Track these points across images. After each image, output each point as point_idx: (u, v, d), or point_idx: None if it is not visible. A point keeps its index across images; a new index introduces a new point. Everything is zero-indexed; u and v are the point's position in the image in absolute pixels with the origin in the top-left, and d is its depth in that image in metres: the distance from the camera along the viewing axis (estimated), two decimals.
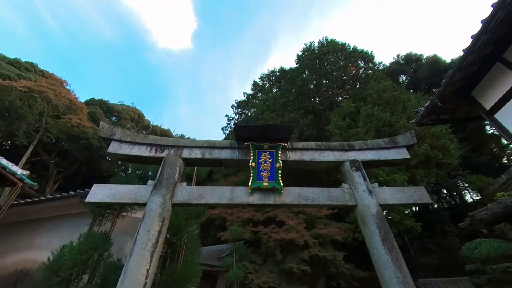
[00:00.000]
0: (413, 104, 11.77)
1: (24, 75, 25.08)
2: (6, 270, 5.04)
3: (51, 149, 27.41)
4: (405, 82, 28.48)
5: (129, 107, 38.73)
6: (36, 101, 21.69)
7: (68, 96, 22.61)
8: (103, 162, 29.72)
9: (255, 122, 15.82)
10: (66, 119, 21.22)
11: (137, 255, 3.25)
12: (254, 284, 10.28)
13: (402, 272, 3.31)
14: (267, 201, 4.12)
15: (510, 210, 3.06)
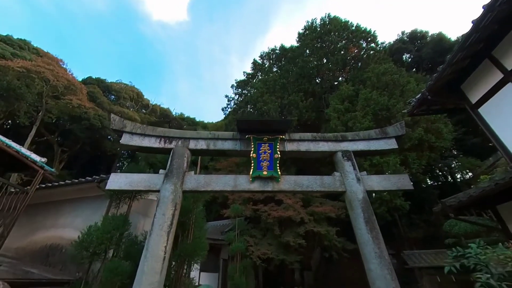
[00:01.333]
0: (411, 87, 11.88)
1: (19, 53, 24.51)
2: (38, 245, 5.75)
3: (53, 129, 27.74)
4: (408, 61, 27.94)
5: (128, 86, 38.23)
6: (34, 81, 21.55)
7: (66, 76, 22.38)
8: (106, 142, 30.25)
9: (255, 104, 15.96)
10: (67, 100, 21.26)
11: (156, 235, 3.83)
12: (255, 255, 11.35)
13: (379, 248, 3.92)
14: (266, 188, 4.64)
15: (474, 199, 3.56)
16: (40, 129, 24.06)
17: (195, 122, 47.93)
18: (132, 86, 39.38)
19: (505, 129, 4.36)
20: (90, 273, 4.75)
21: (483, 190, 3.30)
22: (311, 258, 17.24)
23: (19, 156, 5.17)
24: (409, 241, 14.88)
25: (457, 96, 5.35)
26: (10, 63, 18.78)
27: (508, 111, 4.25)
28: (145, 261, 3.62)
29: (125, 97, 35.93)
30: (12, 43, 26.25)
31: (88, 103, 23.11)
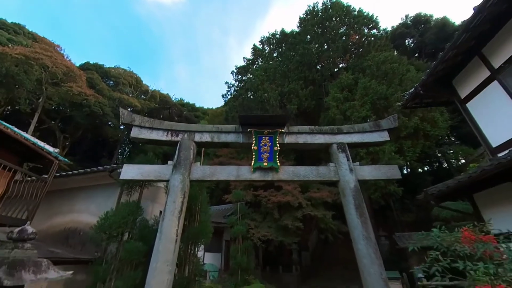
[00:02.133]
0: (410, 76, 11.98)
1: (15, 39, 24.09)
2: (57, 228, 6.29)
3: (54, 115, 27.89)
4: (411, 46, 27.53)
5: (126, 71, 37.76)
6: (33, 68, 21.42)
7: (64, 62, 22.17)
8: (107, 128, 30.48)
9: (255, 92, 16.05)
10: (67, 87, 21.24)
11: (168, 220, 4.29)
12: (255, 237, 12.10)
13: (367, 231, 4.41)
14: (266, 178, 5.06)
15: (452, 189, 3.97)
16: (41, 116, 24.22)
17: (195, 108, 47.82)
18: (130, 72, 38.92)
19: (488, 124, 4.69)
20: (108, 253, 5.29)
21: (458, 182, 3.70)
22: (308, 239, 18.23)
23: (36, 148, 5.54)
24: (401, 223, 15.69)
25: (448, 90, 5.61)
26: (8, 49, 18.59)
27: (492, 107, 4.56)
28: (160, 242, 4.10)
29: (124, 83, 35.62)
30: (7, 27, 25.66)
31: (88, 90, 23.09)
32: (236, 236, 11.38)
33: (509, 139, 4.14)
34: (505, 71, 4.28)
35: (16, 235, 2.71)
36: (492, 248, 1.96)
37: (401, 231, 14.03)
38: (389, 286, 4.03)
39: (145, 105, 34.87)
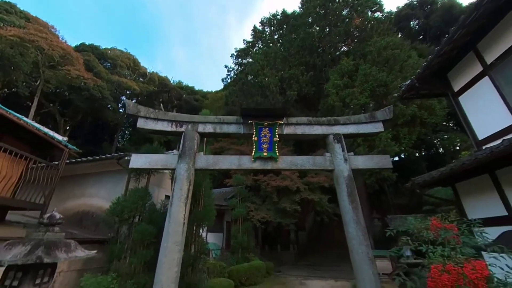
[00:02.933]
0: (411, 63, 11.93)
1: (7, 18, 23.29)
2: (70, 211, 6.75)
3: (53, 99, 27.74)
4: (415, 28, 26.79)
5: (123, 53, 36.88)
6: (28, 50, 21.02)
7: (60, 45, 21.69)
8: (107, 111, 30.45)
9: (255, 77, 15.96)
10: (65, 70, 20.97)
11: (175, 205, 4.69)
12: (255, 219, 12.78)
13: (357, 216, 4.84)
14: (266, 167, 5.40)
15: (436, 179, 4.32)
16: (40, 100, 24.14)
17: (194, 91, 47.29)
18: (127, 53, 38.01)
19: (476, 118, 4.93)
20: (120, 234, 5.78)
21: (441, 173, 4.03)
22: (305, 221, 19.14)
23: (47, 138, 5.82)
24: (394, 206, 16.43)
25: (443, 83, 5.77)
26: (2, 31, 18.13)
27: (482, 102, 4.78)
28: (169, 225, 4.53)
29: (122, 65, 34.95)
30: None
31: (86, 74, 22.82)
32: (237, 217, 12.04)
33: (493, 133, 4.42)
34: (496, 67, 4.45)
35: (46, 220, 3.08)
36: (451, 234, 2.33)
37: (393, 213, 14.75)
38: (375, 264, 4.52)
39: (144, 88, 34.53)
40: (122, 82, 30.03)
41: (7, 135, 5.39)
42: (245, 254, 11.13)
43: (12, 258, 2.55)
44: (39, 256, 2.55)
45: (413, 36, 27.42)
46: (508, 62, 4.17)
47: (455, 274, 1.80)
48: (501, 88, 4.33)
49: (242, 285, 9.18)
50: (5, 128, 5.16)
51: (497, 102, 4.39)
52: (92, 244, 5.35)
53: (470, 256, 2.02)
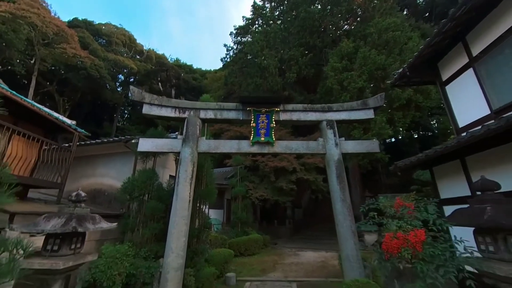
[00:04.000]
0: (410, 46, 11.87)
1: None
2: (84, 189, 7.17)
3: (51, 78, 27.40)
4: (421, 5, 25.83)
5: (118, 29, 35.55)
6: (21, 27, 20.41)
7: (54, 21, 20.98)
8: (106, 91, 30.25)
9: (255, 59, 15.78)
10: (61, 49, 20.56)
11: (182, 185, 5.24)
12: (253, 196, 13.60)
13: (344, 195, 5.41)
14: (263, 150, 5.88)
15: (414, 163, 4.81)
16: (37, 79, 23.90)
17: (192, 69, 46.33)
18: (122, 29, 36.61)
19: (458, 107, 5.30)
20: (131, 210, 6.42)
21: (418, 159, 4.51)
22: (301, 198, 20.18)
23: (58, 122, 6.20)
24: (385, 186, 17.30)
25: (433, 72, 6.04)
26: None
27: (464, 92, 5.11)
28: (177, 202, 5.11)
29: (117, 42, 33.92)
30: None
31: (83, 52, 22.37)
32: (237, 195, 12.84)
33: (471, 122, 4.83)
34: (479, 60, 4.71)
35: (75, 198, 3.61)
36: (407, 210, 2.87)
37: (384, 192, 15.58)
38: (357, 236, 5.16)
39: (141, 67, 33.88)
40: (119, 61, 29.43)
41: (22, 120, 5.76)
42: (244, 229, 12.09)
43: (51, 228, 3.11)
44: (74, 226, 3.11)
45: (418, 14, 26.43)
46: (490, 56, 4.45)
47: (402, 240, 2.33)
48: (482, 80, 4.65)
49: (241, 255, 10.16)
50: (20, 114, 5.52)
51: (478, 93, 4.73)
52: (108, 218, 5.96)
53: (417, 227, 2.56)
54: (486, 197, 2.71)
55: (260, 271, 8.23)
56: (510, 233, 2.45)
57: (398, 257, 2.34)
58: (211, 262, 6.71)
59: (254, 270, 8.36)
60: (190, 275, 5.12)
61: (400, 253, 2.31)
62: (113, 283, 4.36)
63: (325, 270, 8.41)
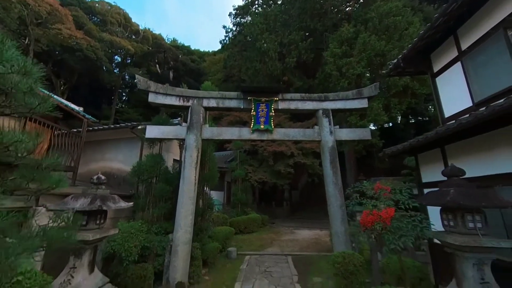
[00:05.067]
0: (410, 32, 11.85)
1: None
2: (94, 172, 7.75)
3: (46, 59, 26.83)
4: None
5: (112, 7, 34.23)
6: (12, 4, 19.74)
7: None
8: (103, 73, 29.86)
9: (255, 43, 15.57)
10: (56, 30, 20.06)
11: (188, 169, 5.71)
12: (252, 179, 14.24)
13: (336, 178, 5.94)
14: (262, 138, 6.30)
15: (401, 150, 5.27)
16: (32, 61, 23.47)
17: (190, 51, 45.24)
18: (116, 6, 35.24)
19: (446, 98, 5.64)
20: (140, 191, 6.95)
21: (404, 147, 4.96)
22: (298, 181, 20.97)
23: (68, 109, 6.52)
24: (379, 170, 17.99)
25: (426, 63, 6.29)
26: None
27: (452, 85, 5.43)
28: (184, 185, 5.62)
29: (112, 22, 32.81)
30: None
31: (78, 33, 21.85)
32: (237, 178, 13.46)
33: (455, 113, 5.22)
34: (467, 54, 4.99)
35: (96, 181, 4.08)
36: (383, 192, 3.37)
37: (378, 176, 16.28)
38: (346, 215, 5.74)
39: (138, 48, 33.09)
40: (115, 41, 28.73)
41: None
42: (244, 209, 12.85)
43: (80, 206, 3.61)
44: (99, 205, 3.61)
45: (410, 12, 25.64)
46: (476, 52, 4.74)
47: (376, 216, 2.83)
48: (468, 74, 4.97)
49: (241, 232, 10.96)
50: None
51: (463, 86, 5.07)
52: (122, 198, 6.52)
53: (389, 206, 3.07)
54: (452, 182, 3.20)
55: (258, 247, 9.02)
56: (467, 211, 2.97)
57: (372, 229, 2.87)
58: (215, 238, 7.40)
59: (253, 245, 9.14)
60: (197, 248, 5.76)
61: (373, 226, 2.84)
62: (130, 254, 4.97)
63: (318, 245, 9.22)
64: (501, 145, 3.63)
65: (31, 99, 1.81)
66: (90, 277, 3.68)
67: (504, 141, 3.59)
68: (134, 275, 4.84)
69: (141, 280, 4.88)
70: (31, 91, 1.77)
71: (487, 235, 2.88)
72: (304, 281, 5.72)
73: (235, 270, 6.44)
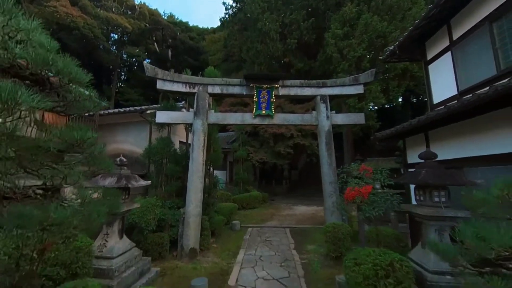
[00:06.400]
0: (413, 13, 11.71)
1: None
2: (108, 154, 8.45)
3: None
4: None
5: None
6: None
7: None
8: (102, 53, 29.40)
9: (256, 22, 15.26)
10: (51, 7, 19.52)
11: (196, 151, 6.29)
12: (254, 159, 14.95)
13: (330, 159, 6.54)
14: (264, 122, 6.79)
15: (390, 135, 5.78)
16: None
17: (188, 27, 43.76)
18: None
19: (435, 86, 6.04)
20: (151, 171, 7.61)
21: (391, 132, 5.47)
22: (297, 161, 21.78)
23: None
24: (376, 151, 18.64)
25: (420, 51, 6.57)
26: None
27: (441, 73, 5.78)
28: (193, 165, 6.24)
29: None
30: None
31: (74, 11, 21.27)
32: (239, 158, 14.15)
33: (442, 100, 5.66)
34: (456, 45, 5.30)
35: (119, 162, 4.67)
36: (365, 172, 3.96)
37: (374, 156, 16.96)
38: (338, 192, 6.41)
39: (136, 25, 32.10)
40: (112, 19, 27.88)
41: None
42: (245, 187, 13.71)
43: (109, 184, 4.23)
44: (126, 183, 4.23)
45: None
46: (464, 43, 5.06)
47: (357, 191, 3.45)
48: (456, 64, 5.33)
49: (243, 208, 11.88)
50: None
51: (451, 75, 5.45)
52: None
53: (369, 183, 3.67)
54: (425, 164, 3.78)
55: (259, 220, 9.93)
56: (434, 188, 3.58)
57: (353, 202, 3.51)
58: (220, 212, 8.22)
59: (254, 219, 10.05)
60: (206, 221, 6.55)
61: (354, 200, 3.47)
62: (149, 225, 5.73)
63: (314, 219, 10.13)
64: (468, 133, 4.18)
65: (87, 103, 2.30)
66: (120, 241, 4.43)
67: (470, 130, 4.13)
68: (153, 242, 5.65)
69: (159, 246, 5.70)
70: (90, 98, 2.26)
71: (449, 207, 3.51)
72: (299, 248, 6.57)
73: (239, 240, 7.31)
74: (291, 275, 4.86)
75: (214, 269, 5.24)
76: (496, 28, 4.37)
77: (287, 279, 4.70)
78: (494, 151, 3.66)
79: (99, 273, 3.88)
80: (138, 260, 4.68)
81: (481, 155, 3.81)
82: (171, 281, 4.68)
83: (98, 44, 28.24)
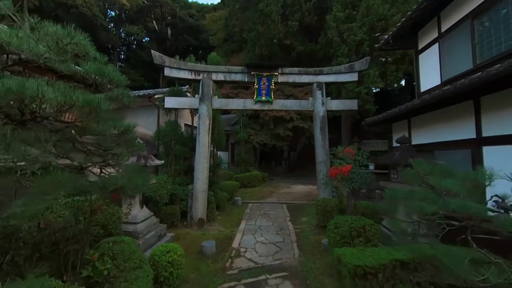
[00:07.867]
0: None
1: None
2: None
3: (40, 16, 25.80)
4: None
5: None
6: None
7: None
8: (102, 33, 28.89)
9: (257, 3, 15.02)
10: None
11: (202, 135, 6.94)
12: (254, 141, 15.65)
13: (324, 142, 7.20)
14: (264, 108, 7.37)
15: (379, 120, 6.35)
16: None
17: (187, 4, 42.25)
18: None
19: (423, 75, 6.49)
20: (161, 152, 8.33)
21: (378, 118, 6.06)
22: (296, 143, 22.47)
23: None
24: (372, 133, 19.23)
25: (413, 40, 6.92)
26: None
27: (429, 63, 6.21)
28: (199, 147, 6.93)
29: None
30: None
31: None
32: (240, 140, 14.84)
33: (428, 88, 6.15)
34: (443, 37, 5.69)
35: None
36: (348, 154, 4.64)
37: (370, 138, 17.61)
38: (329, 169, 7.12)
39: (134, 2, 31.13)
40: None
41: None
42: (246, 167, 14.56)
43: (131, 162, 4.92)
44: (145, 162, 4.95)
45: None
46: (450, 36, 5.46)
47: (339, 170, 4.14)
48: (441, 55, 5.76)
49: (244, 186, 12.79)
50: None
51: (437, 66, 5.91)
52: None
53: (350, 163, 4.36)
54: (400, 147, 4.44)
55: (259, 197, 10.85)
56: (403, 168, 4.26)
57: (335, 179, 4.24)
58: (223, 189, 9.08)
59: (255, 196, 10.98)
60: (211, 196, 7.39)
61: (336, 177, 4.18)
62: (162, 198, 6.56)
63: (309, 197, 11.04)
64: (441, 121, 4.78)
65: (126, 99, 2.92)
66: (141, 211, 5.26)
67: (442, 118, 4.72)
68: (166, 213, 6.52)
69: (172, 216, 6.58)
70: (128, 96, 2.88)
71: None
72: (294, 220, 7.48)
73: (240, 213, 8.22)
74: (285, 240, 5.76)
75: (220, 236, 6.13)
76: (476, 25, 4.78)
77: (281, 243, 5.60)
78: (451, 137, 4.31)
79: (127, 235, 4.73)
80: (156, 226, 5.55)
81: (445, 140, 4.45)
82: (184, 243, 5.58)
83: (96, 23, 27.69)
